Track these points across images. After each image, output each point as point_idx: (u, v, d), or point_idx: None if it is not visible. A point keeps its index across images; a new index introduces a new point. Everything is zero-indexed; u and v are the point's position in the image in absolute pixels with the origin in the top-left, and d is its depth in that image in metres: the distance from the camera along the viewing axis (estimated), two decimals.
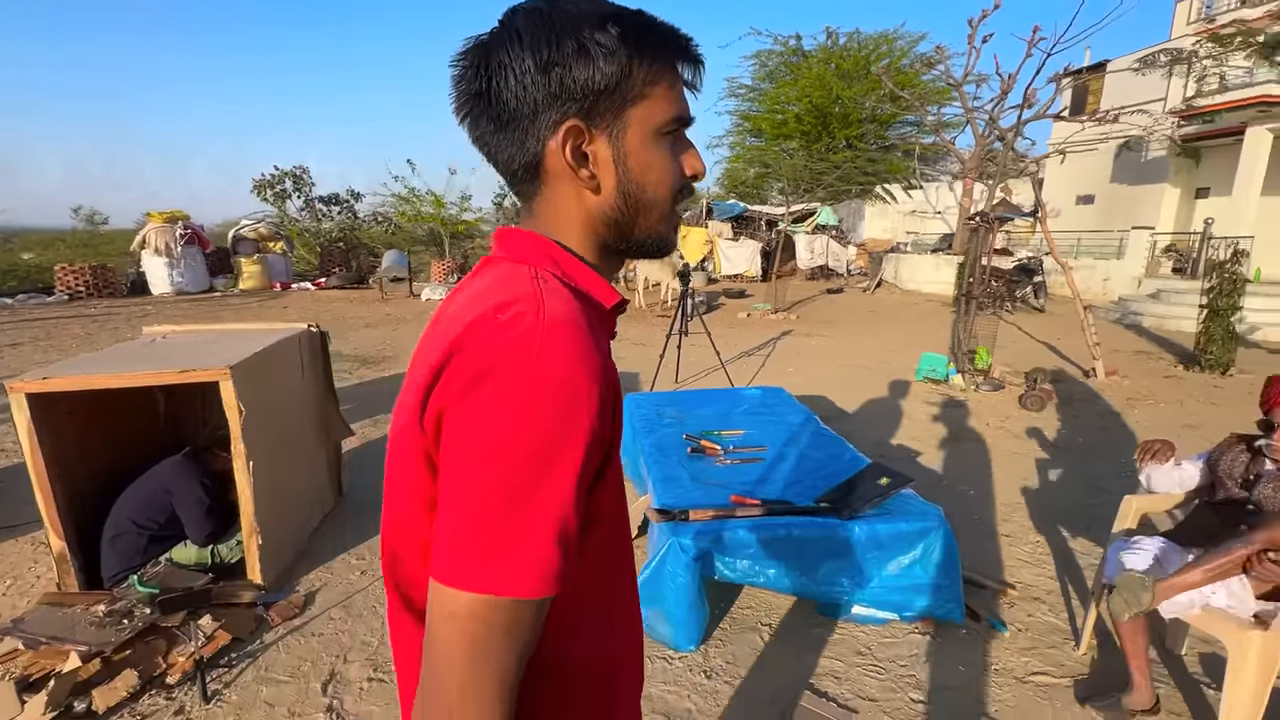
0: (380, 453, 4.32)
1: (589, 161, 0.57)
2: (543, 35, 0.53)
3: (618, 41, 0.54)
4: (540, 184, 0.60)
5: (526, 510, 0.46)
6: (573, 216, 0.60)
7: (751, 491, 2.63)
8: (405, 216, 20.88)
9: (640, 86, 0.56)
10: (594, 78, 0.54)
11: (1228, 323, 6.84)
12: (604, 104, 0.55)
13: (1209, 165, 14.26)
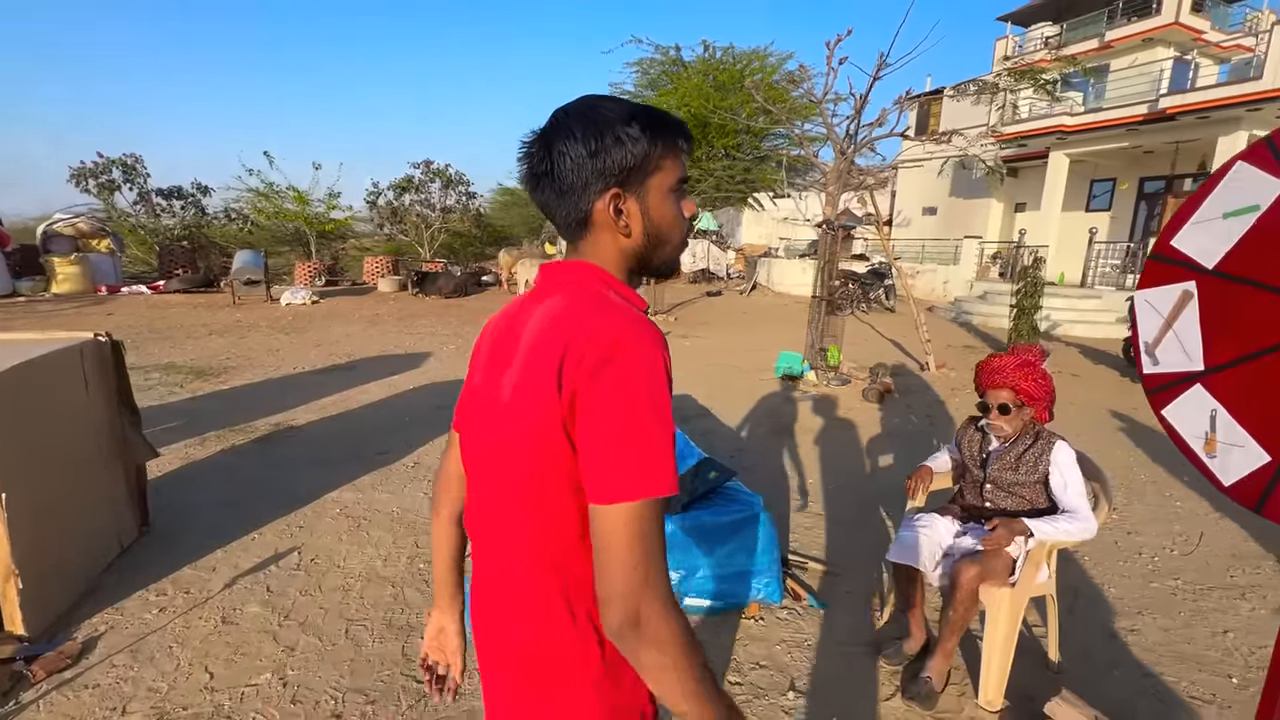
0: (209, 473, 3.91)
1: (624, 215, 0.81)
2: (590, 131, 0.78)
3: (640, 132, 0.79)
4: (588, 231, 0.83)
5: (657, 441, 0.69)
6: (610, 253, 0.84)
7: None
8: (264, 214, 19.11)
9: (657, 161, 0.81)
10: (626, 159, 0.79)
11: (1032, 320, 7.90)
12: (633, 175, 0.80)
13: (1024, 183, 16.44)
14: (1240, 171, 1.37)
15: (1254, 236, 1.34)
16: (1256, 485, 1.33)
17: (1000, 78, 8.56)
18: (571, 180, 0.80)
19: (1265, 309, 1.31)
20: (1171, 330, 1.50)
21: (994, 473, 2.21)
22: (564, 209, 0.82)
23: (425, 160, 19.84)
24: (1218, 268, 1.40)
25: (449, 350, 8.41)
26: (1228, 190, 1.39)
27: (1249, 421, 1.35)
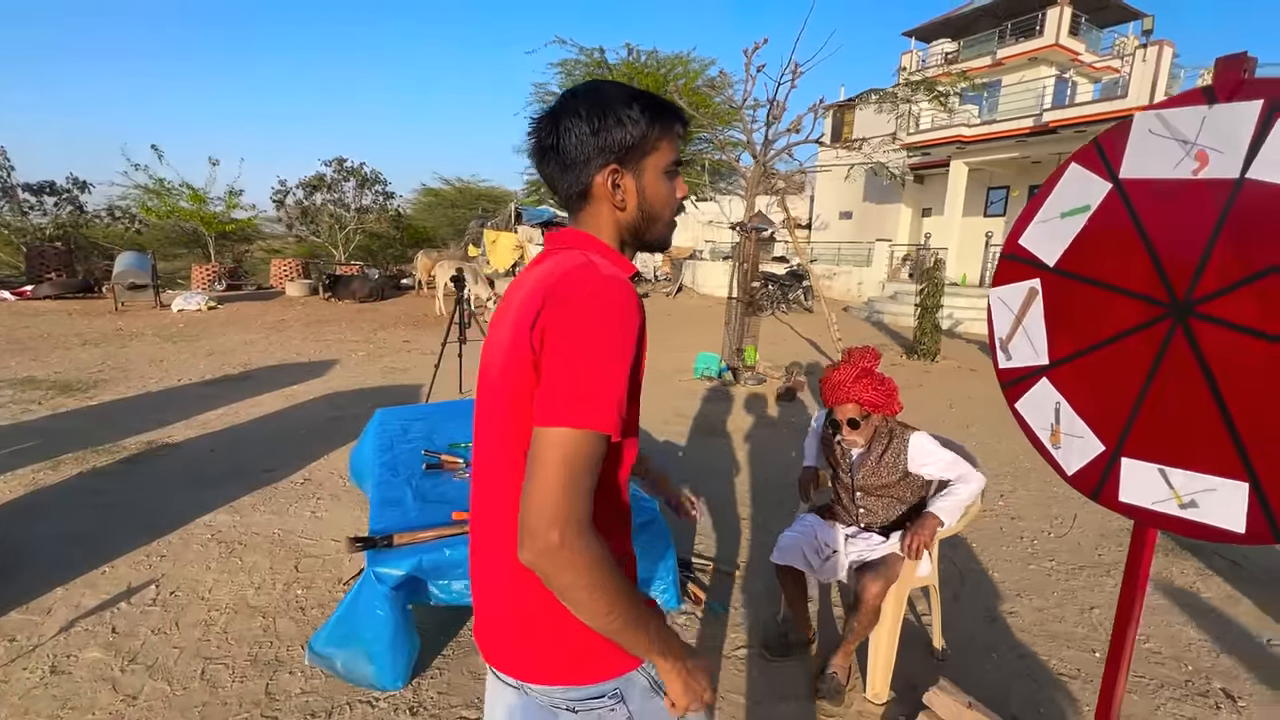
0: (59, 500, 3.48)
1: (620, 190, 0.89)
2: (594, 110, 0.84)
3: (640, 114, 0.86)
4: (587, 203, 0.90)
5: (605, 381, 0.73)
6: (606, 224, 0.91)
7: None
8: (155, 213, 17.59)
9: (654, 142, 0.88)
10: (625, 138, 0.86)
11: (934, 318, 8.33)
12: (631, 153, 0.87)
13: (930, 189, 17.44)
14: (1074, 173, 1.43)
15: (1086, 235, 1.40)
16: (1094, 474, 1.39)
17: (898, 89, 9.00)
18: (575, 155, 0.87)
19: (1097, 304, 1.37)
20: (1022, 326, 1.55)
21: (860, 480, 2.22)
22: (566, 181, 0.90)
23: (338, 158, 18.86)
24: (1058, 265, 1.45)
25: (357, 357, 7.97)
26: (1063, 191, 1.45)
27: (1087, 412, 1.40)
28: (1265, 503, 1.10)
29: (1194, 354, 1.19)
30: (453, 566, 2.12)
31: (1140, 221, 1.29)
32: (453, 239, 23.25)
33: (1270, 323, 1.08)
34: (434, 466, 2.89)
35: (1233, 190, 1.13)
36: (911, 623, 2.58)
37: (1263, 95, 1.09)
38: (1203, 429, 1.18)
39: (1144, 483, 1.29)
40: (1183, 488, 1.22)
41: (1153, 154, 1.26)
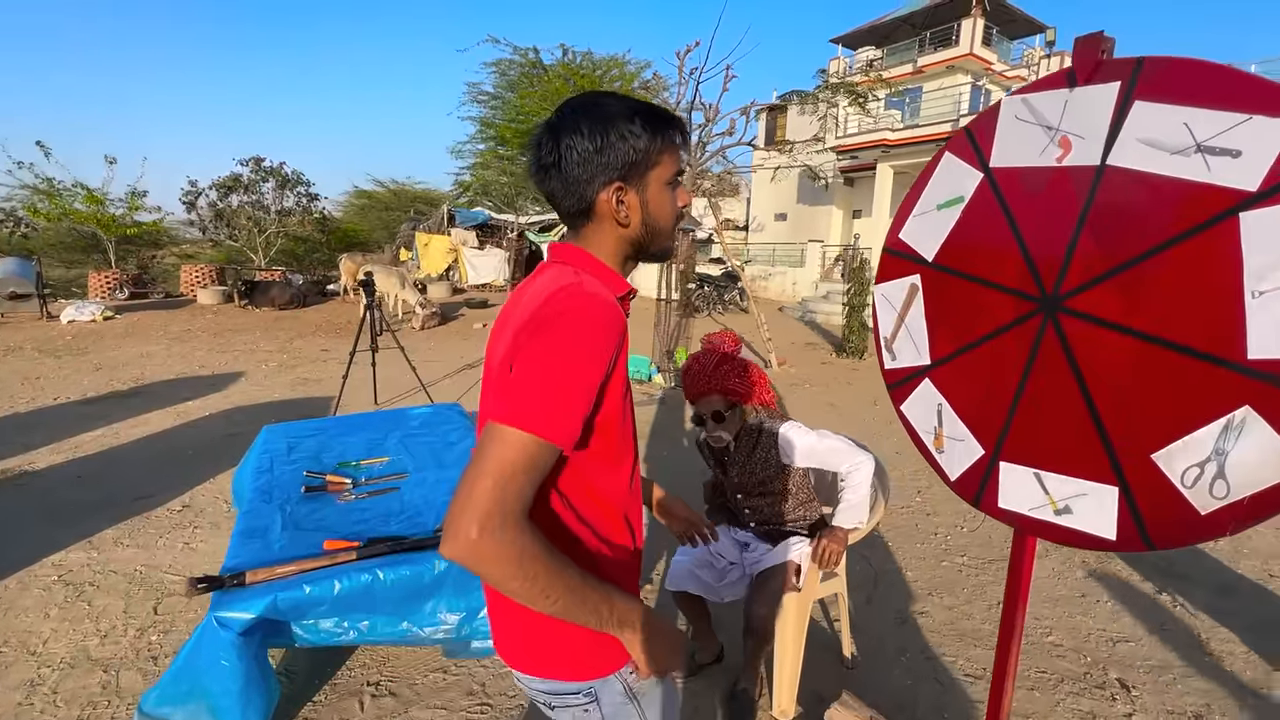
0: None
1: (624, 206, 0.89)
2: (596, 127, 0.84)
3: (642, 129, 0.86)
4: (589, 219, 0.91)
5: (563, 392, 0.75)
6: (609, 240, 0.92)
7: (367, 530, 2.29)
8: (45, 215, 16.10)
9: (656, 156, 0.88)
10: (629, 154, 0.86)
11: (861, 317, 8.51)
12: (635, 169, 0.87)
13: (859, 192, 17.99)
14: (947, 162, 1.36)
15: (961, 228, 1.33)
16: (974, 479, 1.31)
17: (819, 91, 9.19)
18: (577, 173, 0.85)
19: (974, 300, 1.30)
20: (904, 324, 1.48)
21: (736, 480, 2.09)
22: (569, 199, 0.88)
23: (254, 157, 17.78)
24: (936, 260, 1.38)
25: (268, 369, 7.45)
26: (938, 182, 1.38)
27: (967, 415, 1.33)
28: (1134, 508, 1.04)
29: (1064, 351, 1.13)
30: (315, 604, 1.89)
31: (1011, 213, 1.22)
32: (387, 242, 22.40)
33: (1133, 317, 1.02)
34: (315, 489, 2.63)
35: (1094, 178, 1.07)
36: (823, 630, 2.51)
37: (1119, 77, 1.03)
38: (1074, 430, 1.12)
39: (1021, 488, 1.22)
40: (1057, 492, 1.16)
41: (1020, 141, 1.20)
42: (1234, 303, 0.90)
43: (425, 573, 2.03)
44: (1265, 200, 0.87)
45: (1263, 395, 0.88)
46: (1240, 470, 0.91)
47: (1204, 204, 0.93)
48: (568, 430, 0.75)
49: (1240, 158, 0.89)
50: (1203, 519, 0.95)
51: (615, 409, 0.86)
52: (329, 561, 2.02)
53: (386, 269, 11.22)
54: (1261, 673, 2.31)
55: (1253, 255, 0.88)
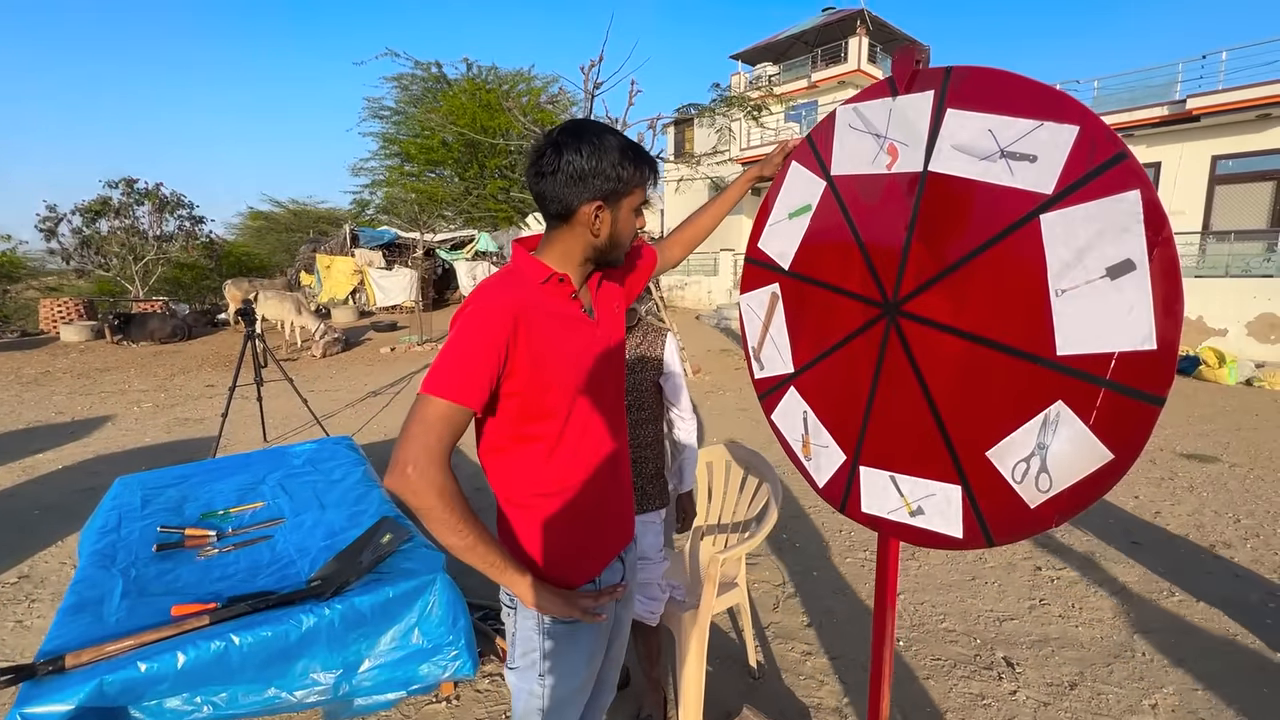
0: None
1: (599, 221, 1.08)
2: (594, 153, 1.03)
3: (629, 165, 1.06)
4: (565, 223, 1.09)
5: (450, 358, 0.99)
6: (577, 242, 1.10)
7: (229, 588, 2.06)
8: None
9: (631, 187, 1.09)
10: (613, 182, 1.06)
11: None
12: (615, 194, 1.07)
13: None
14: (795, 171, 1.37)
15: (811, 235, 1.33)
16: (839, 485, 1.32)
17: (715, 104, 9.48)
18: (570, 186, 1.04)
19: (828, 307, 1.30)
20: (769, 333, 1.48)
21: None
22: (556, 204, 1.06)
23: (126, 178, 16.25)
24: (792, 268, 1.39)
25: (141, 410, 6.74)
26: (789, 190, 1.38)
27: (830, 421, 1.34)
28: (976, 505, 1.06)
29: (906, 354, 1.14)
30: (155, 682, 1.65)
31: (852, 220, 1.24)
32: (289, 265, 21.04)
33: (961, 318, 1.04)
34: (169, 546, 2.35)
35: (919, 184, 1.09)
36: (731, 641, 2.49)
37: (932, 86, 1.06)
38: (921, 432, 1.13)
39: (880, 491, 1.23)
40: (910, 494, 1.17)
41: (855, 149, 1.21)
42: (1042, 301, 0.93)
43: (291, 631, 1.84)
44: (1060, 202, 0.90)
45: (1073, 390, 0.91)
46: (1059, 463, 0.93)
47: (1010, 207, 0.96)
48: (464, 393, 0.97)
49: (1036, 162, 0.92)
50: (1032, 513, 0.98)
51: (523, 384, 1.03)
52: (174, 631, 1.79)
53: (280, 294, 10.48)
54: (1126, 635, 2.49)
55: (1054, 255, 0.91)
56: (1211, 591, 2.80)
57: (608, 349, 1.18)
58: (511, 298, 1.02)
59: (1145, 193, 0.81)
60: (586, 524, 1.16)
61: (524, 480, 1.11)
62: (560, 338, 1.07)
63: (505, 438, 1.08)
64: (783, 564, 3.14)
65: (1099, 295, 0.86)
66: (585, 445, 1.13)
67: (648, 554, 1.91)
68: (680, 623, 1.97)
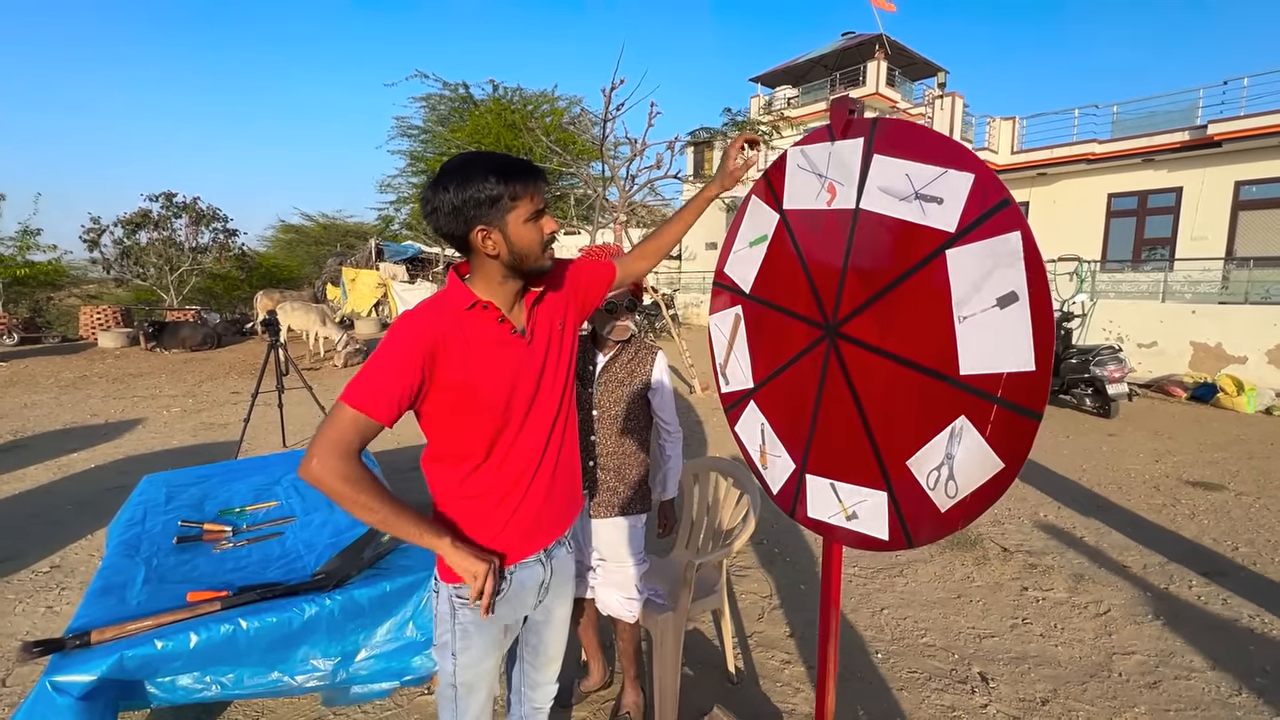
0: None
1: (491, 242, 1.16)
2: (459, 184, 1.12)
3: (496, 183, 1.13)
4: (470, 251, 1.20)
5: (366, 372, 1.10)
6: (486, 265, 1.20)
7: (241, 579, 2.21)
8: None
9: (510, 203, 1.15)
10: (486, 204, 1.13)
11: None
12: (494, 215, 1.14)
13: None
14: (754, 205, 1.50)
15: (768, 263, 1.46)
16: (789, 492, 1.43)
17: (727, 128, 9.67)
18: (449, 219, 1.14)
19: (781, 328, 1.43)
20: (733, 351, 1.61)
21: (597, 397, 2.00)
22: (450, 239, 1.19)
23: (165, 192, 16.98)
24: (752, 292, 1.52)
25: (170, 414, 7.04)
26: (749, 222, 1.52)
27: (782, 433, 1.45)
28: (899, 509, 1.17)
29: (842, 371, 1.26)
30: (170, 659, 1.81)
31: (800, 249, 1.37)
32: (316, 277, 21.67)
33: (886, 340, 1.16)
34: (189, 539, 2.52)
35: (852, 220, 1.22)
36: (713, 647, 2.58)
37: (862, 133, 1.19)
38: (855, 443, 1.24)
39: (823, 498, 1.34)
40: (847, 500, 1.28)
41: (801, 186, 1.35)
42: (948, 326, 1.05)
43: (294, 618, 1.98)
44: (962, 239, 1.02)
45: (973, 406, 1.02)
46: (963, 471, 1.04)
47: (923, 242, 1.08)
48: (372, 406, 1.08)
49: (943, 204, 1.05)
50: (943, 516, 1.09)
51: (444, 406, 1.16)
52: (188, 614, 1.94)
53: (305, 305, 10.86)
54: (1105, 655, 2.53)
55: (957, 285, 1.03)
56: (1197, 618, 2.82)
57: (542, 366, 1.26)
58: (431, 324, 1.12)
59: (1025, 234, 0.93)
60: (499, 527, 1.26)
61: (447, 486, 1.24)
62: (483, 362, 1.16)
63: (437, 450, 1.21)
64: (771, 577, 3.22)
65: (992, 322, 0.98)
66: (510, 457, 1.24)
67: (628, 554, 2.03)
68: (658, 625, 2.08)
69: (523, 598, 1.35)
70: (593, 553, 2.07)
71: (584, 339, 2.12)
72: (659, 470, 2.19)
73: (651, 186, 14.55)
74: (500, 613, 1.29)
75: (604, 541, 2.04)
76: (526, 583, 1.35)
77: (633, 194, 15.55)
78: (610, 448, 2.04)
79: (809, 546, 3.59)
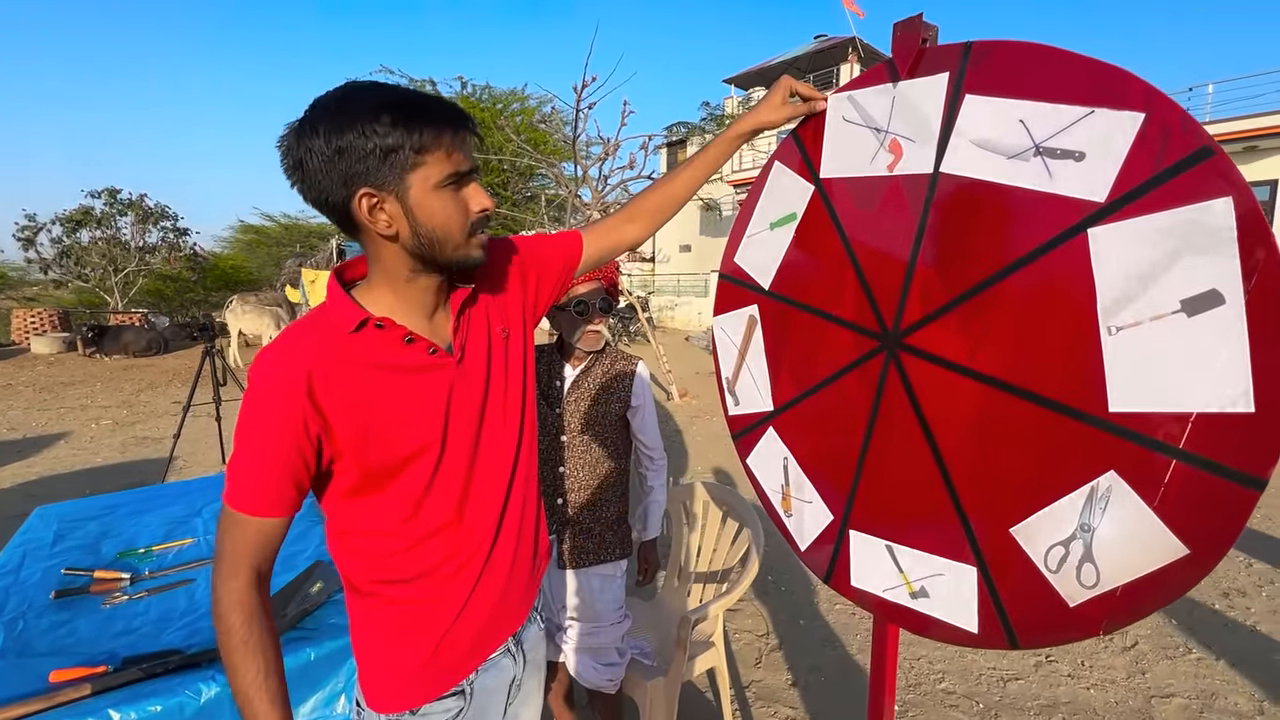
0: None
1: (384, 214, 0.77)
2: (334, 126, 0.73)
3: (389, 127, 0.73)
4: (358, 233, 0.82)
5: (232, 462, 0.78)
6: (383, 253, 0.81)
7: (131, 644, 1.79)
8: None
9: (413, 156, 0.75)
10: (374, 156, 0.73)
11: None
12: (387, 175, 0.75)
13: None
14: (777, 174, 1.16)
15: (796, 250, 1.12)
16: (824, 551, 1.09)
17: (705, 123, 9.43)
18: (320, 179, 0.75)
19: (814, 335, 1.09)
20: (745, 363, 1.26)
21: (566, 418, 1.66)
22: (323, 209, 0.79)
23: (109, 189, 16.01)
24: (773, 288, 1.18)
25: (99, 428, 6.42)
26: (770, 197, 1.17)
27: (814, 473, 1.12)
28: (995, 594, 0.83)
29: (908, 396, 0.92)
30: None
31: (844, 231, 1.03)
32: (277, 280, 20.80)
33: (979, 357, 0.83)
34: (72, 591, 2.07)
35: (929, 189, 0.88)
36: (707, 703, 2.23)
37: (946, 67, 0.85)
38: (925, 494, 0.91)
39: (874, 563, 1.00)
40: (911, 571, 0.94)
41: (850, 146, 1.01)
42: (1089, 340, 0.72)
43: (186, 704, 1.56)
44: (1117, 213, 0.69)
45: (1130, 457, 0.69)
46: (1110, 552, 0.71)
47: (1048, 218, 0.75)
48: (261, 503, 0.77)
49: (1084, 160, 0.72)
50: (1071, 612, 0.75)
51: (350, 460, 0.81)
52: (43, 705, 1.51)
53: (258, 307, 10.22)
54: (1143, 699, 2.26)
55: (1106, 281, 0.70)
56: (1230, 649, 2.58)
57: (485, 391, 0.91)
58: (301, 356, 0.77)
59: (1240, 201, 0.60)
60: (453, 616, 0.91)
61: (370, 564, 0.87)
62: (390, 396, 0.82)
63: (342, 522, 0.86)
64: (766, 610, 2.89)
65: (1171, 336, 0.65)
66: (454, 515, 0.89)
67: (604, 612, 1.67)
68: (645, 692, 1.72)
69: (487, 710, 0.98)
70: (562, 610, 1.70)
71: (548, 349, 1.75)
72: (639, 505, 1.83)
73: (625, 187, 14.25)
74: None
75: (576, 597, 1.68)
76: (492, 687, 0.99)
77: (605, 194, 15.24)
78: (582, 481, 1.68)
79: (806, 574, 3.27)
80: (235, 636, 0.76)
